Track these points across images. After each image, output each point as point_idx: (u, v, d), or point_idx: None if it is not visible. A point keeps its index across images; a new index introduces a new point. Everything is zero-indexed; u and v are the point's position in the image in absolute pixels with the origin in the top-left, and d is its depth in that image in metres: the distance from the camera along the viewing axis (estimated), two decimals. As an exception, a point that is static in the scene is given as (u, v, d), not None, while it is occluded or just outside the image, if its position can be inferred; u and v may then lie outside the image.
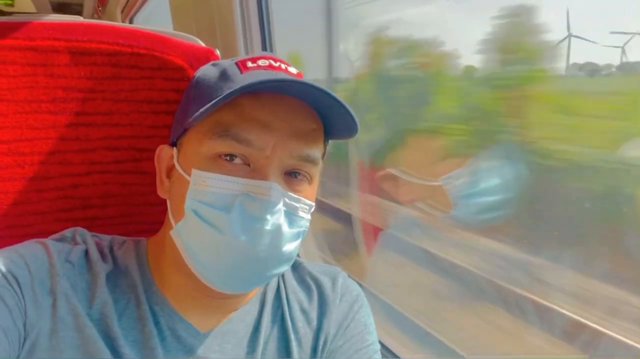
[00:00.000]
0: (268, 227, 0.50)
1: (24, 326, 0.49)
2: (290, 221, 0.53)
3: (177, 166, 0.56)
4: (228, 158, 0.52)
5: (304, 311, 0.63)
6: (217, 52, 0.75)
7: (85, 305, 0.53)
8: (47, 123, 0.67)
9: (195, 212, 0.51)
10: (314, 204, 0.57)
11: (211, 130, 0.52)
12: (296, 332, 0.61)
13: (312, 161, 0.54)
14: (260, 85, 0.50)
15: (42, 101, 0.66)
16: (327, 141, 0.60)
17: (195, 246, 0.53)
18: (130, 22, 3.09)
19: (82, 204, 0.71)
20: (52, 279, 0.52)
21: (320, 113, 0.56)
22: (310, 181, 0.56)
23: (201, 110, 0.50)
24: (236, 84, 0.53)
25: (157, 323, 0.55)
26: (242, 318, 0.61)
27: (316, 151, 0.55)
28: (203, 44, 0.76)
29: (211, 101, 0.50)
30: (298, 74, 0.57)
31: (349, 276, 0.69)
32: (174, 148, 0.58)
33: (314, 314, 0.63)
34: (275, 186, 0.51)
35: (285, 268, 0.56)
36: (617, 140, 1.02)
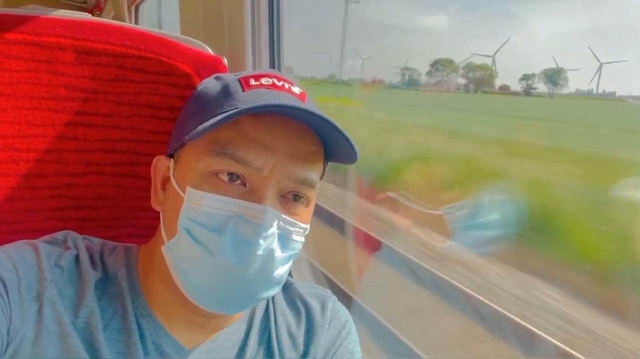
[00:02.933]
0: (260, 251, 0.49)
1: (8, 331, 0.48)
2: (283, 244, 0.52)
3: (172, 181, 0.55)
4: (224, 177, 0.51)
5: (291, 335, 0.63)
6: (225, 61, 0.75)
7: (71, 313, 0.52)
8: (47, 121, 0.65)
9: (188, 231, 0.51)
10: (308, 226, 0.56)
11: (209, 147, 0.51)
12: (282, 356, 0.61)
13: (309, 184, 0.53)
14: (261, 109, 0.50)
15: (43, 98, 0.65)
16: (327, 163, 0.60)
17: (186, 265, 0.52)
18: (136, 10, 3.06)
19: (75, 204, 0.69)
20: (40, 285, 0.51)
21: (321, 135, 0.55)
22: (306, 203, 0.55)
23: (199, 128, 0.50)
24: (237, 102, 0.52)
25: (142, 336, 0.54)
26: (228, 337, 0.60)
27: (314, 174, 0.54)
28: (211, 52, 0.75)
29: (210, 118, 0.50)
30: (301, 94, 0.56)
31: (338, 301, 0.68)
32: (171, 160, 0.57)
33: (301, 339, 0.63)
34: (270, 209, 0.50)
35: (276, 291, 0.56)
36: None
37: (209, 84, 0.59)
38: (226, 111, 0.51)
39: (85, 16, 0.69)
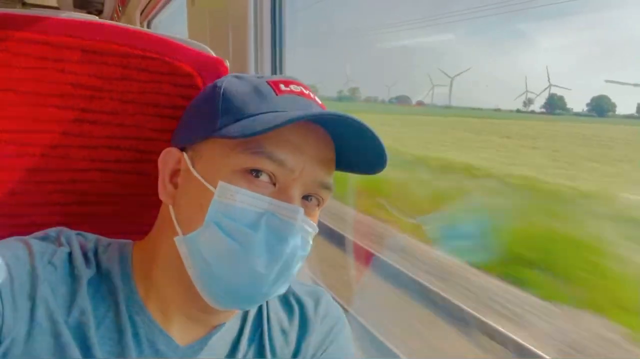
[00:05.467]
0: (289, 250, 0.51)
1: (0, 330, 0.47)
2: (302, 244, 0.54)
3: (194, 173, 0.55)
4: (258, 175, 0.52)
5: (283, 332, 0.63)
6: (227, 63, 0.77)
7: (64, 311, 0.51)
8: (52, 117, 0.67)
9: (218, 225, 0.51)
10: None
11: (242, 144, 0.52)
12: (274, 353, 0.61)
13: (328, 188, 0.56)
14: (316, 117, 0.52)
15: (49, 95, 0.67)
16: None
17: (210, 258, 0.52)
18: (148, 24, 3.13)
19: (78, 199, 0.71)
20: (33, 283, 0.50)
21: (340, 144, 0.57)
22: (320, 205, 0.58)
23: (253, 128, 0.50)
24: (275, 105, 0.54)
25: (135, 334, 0.54)
26: (222, 335, 0.60)
27: (331, 179, 0.57)
28: (213, 54, 0.77)
29: (247, 117, 0.52)
30: (322, 105, 0.60)
31: (333, 298, 0.69)
32: (184, 153, 0.58)
33: (293, 336, 0.63)
34: (302, 210, 0.52)
35: (284, 289, 0.57)
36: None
37: (234, 84, 0.58)
38: (264, 112, 0.53)
39: (93, 18, 0.72)
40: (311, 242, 0.57)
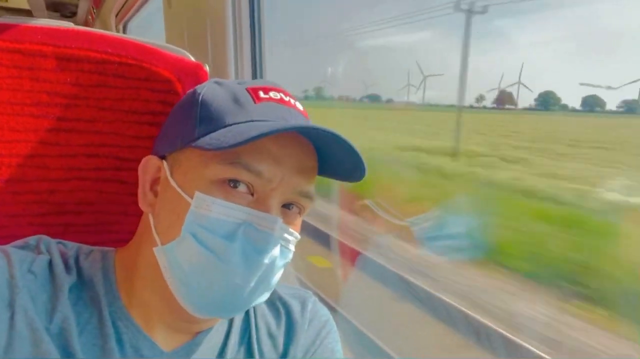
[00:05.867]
0: (267, 260, 0.51)
1: None
2: (282, 253, 0.54)
3: (172, 183, 0.54)
4: (233, 184, 0.52)
5: (271, 336, 0.63)
6: (207, 67, 0.76)
7: (44, 319, 0.51)
8: (29, 126, 0.66)
9: (194, 236, 0.50)
10: (299, 236, 0.58)
11: (220, 155, 0.51)
12: (262, 356, 0.61)
13: (309, 197, 0.56)
14: (289, 130, 0.51)
15: (25, 104, 0.65)
16: None
17: (187, 269, 0.51)
18: (124, 27, 3.08)
19: (57, 209, 0.70)
20: (12, 291, 0.49)
21: (322, 152, 0.57)
22: (301, 214, 0.57)
23: (228, 141, 0.49)
24: (251, 114, 0.54)
25: (119, 340, 0.54)
26: (208, 339, 0.60)
27: (312, 187, 0.56)
28: (193, 58, 0.76)
29: (223, 127, 0.52)
30: (304, 111, 0.59)
31: (319, 301, 0.69)
32: (163, 161, 0.57)
33: (281, 339, 0.63)
34: (279, 220, 0.51)
35: (266, 298, 0.57)
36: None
37: (214, 91, 0.58)
38: (240, 122, 0.53)
39: (67, 24, 0.71)
40: (293, 249, 0.57)
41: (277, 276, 0.55)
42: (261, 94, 0.56)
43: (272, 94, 0.57)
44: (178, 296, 0.53)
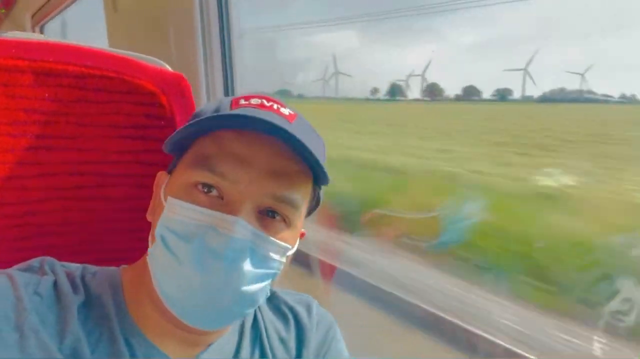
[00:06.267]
0: (226, 263, 0.49)
1: None
2: (256, 260, 0.51)
3: (160, 192, 0.56)
4: (204, 189, 0.52)
5: (282, 341, 0.64)
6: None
7: (56, 340, 0.49)
8: (5, 146, 0.62)
9: (162, 239, 0.51)
10: (291, 247, 0.56)
11: (193, 160, 0.53)
12: None
13: (289, 203, 0.53)
14: (226, 119, 0.52)
15: (1, 123, 0.62)
16: (319, 187, 0.60)
17: (159, 274, 0.52)
18: (41, 30, 2.88)
19: (39, 231, 0.66)
20: (19, 314, 0.48)
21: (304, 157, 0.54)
22: (288, 223, 0.54)
23: (172, 135, 0.53)
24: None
25: (133, 356, 0.53)
26: (220, 349, 0.60)
27: (295, 194, 0.53)
28: (170, 69, 0.75)
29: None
30: (290, 115, 0.56)
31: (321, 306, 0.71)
32: (168, 175, 0.58)
33: (292, 344, 0.64)
34: (241, 221, 0.49)
35: (248, 310, 0.56)
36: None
37: (207, 104, 0.60)
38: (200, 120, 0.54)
39: (39, 37, 0.67)
40: (279, 258, 0.54)
41: (256, 285, 0.52)
42: (241, 101, 0.56)
43: (252, 100, 0.56)
44: (163, 301, 0.52)
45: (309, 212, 0.61)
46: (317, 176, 0.57)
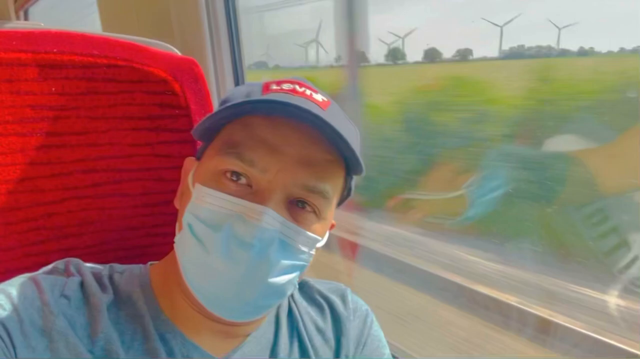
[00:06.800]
0: (253, 253, 0.47)
1: None
2: (284, 251, 0.50)
3: (188, 179, 0.54)
4: (233, 177, 0.50)
5: (319, 330, 0.62)
6: (175, 50, 0.70)
7: (86, 342, 0.48)
8: (15, 147, 0.58)
9: (190, 227, 0.50)
10: (321, 239, 0.54)
11: (222, 147, 0.51)
12: (316, 352, 0.60)
13: (319, 193, 0.50)
14: (257, 104, 0.49)
15: (7, 122, 0.57)
16: (351, 177, 0.57)
17: (186, 262, 0.51)
18: (25, 14, 2.78)
19: (56, 234, 0.63)
20: (46, 319, 0.47)
21: (336, 145, 0.51)
22: (318, 214, 0.52)
23: (201, 121, 0.51)
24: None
25: (170, 353, 0.52)
26: (257, 341, 0.58)
27: (327, 184, 0.51)
28: (179, 53, 0.70)
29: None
30: (323, 102, 0.52)
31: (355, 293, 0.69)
32: (197, 162, 0.56)
33: (330, 334, 0.63)
34: (269, 211, 0.47)
35: (276, 301, 0.54)
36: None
37: (236, 89, 0.57)
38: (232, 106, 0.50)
39: (38, 26, 0.62)
40: (308, 251, 0.52)
41: (284, 276, 0.50)
42: (273, 86, 0.53)
43: (284, 86, 0.53)
44: (190, 289, 0.51)
45: (340, 203, 0.58)
46: (350, 166, 0.54)
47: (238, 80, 0.91)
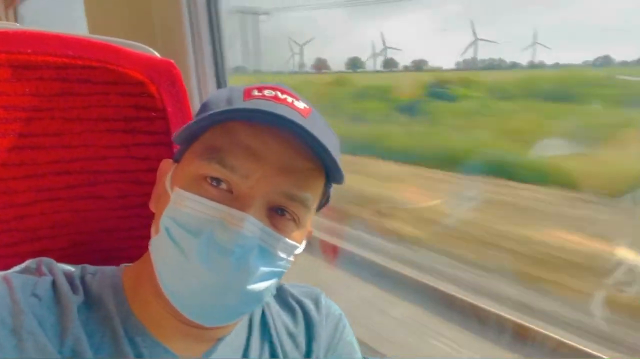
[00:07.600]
0: (233, 259, 0.47)
1: None
2: (264, 258, 0.50)
3: (166, 181, 0.53)
4: (214, 182, 0.49)
5: (291, 335, 0.62)
6: (155, 53, 0.70)
7: (56, 342, 0.48)
8: None
9: (167, 231, 0.50)
10: (299, 246, 0.54)
11: (203, 152, 0.51)
12: (286, 356, 0.60)
13: (300, 201, 0.51)
14: (240, 113, 0.49)
15: None
16: (330, 185, 0.57)
17: (162, 266, 0.50)
18: (15, 11, 2.76)
19: (29, 236, 0.62)
20: (15, 318, 0.46)
21: (317, 153, 0.51)
22: (297, 222, 0.52)
23: (182, 127, 0.51)
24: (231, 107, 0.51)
25: (139, 355, 0.51)
26: (229, 344, 0.58)
27: (307, 192, 0.51)
28: (159, 55, 0.70)
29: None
30: (305, 110, 0.53)
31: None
32: (175, 164, 0.55)
33: (301, 338, 0.63)
34: (250, 218, 0.48)
35: (253, 307, 0.54)
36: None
37: (218, 93, 0.57)
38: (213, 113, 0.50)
39: (13, 26, 0.62)
40: (287, 257, 0.53)
41: (262, 283, 0.51)
42: (254, 92, 0.53)
43: (266, 92, 0.53)
44: (165, 293, 0.50)
45: (317, 209, 0.58)
46: (330, 174, 0.54)
47: (220, 83, 0.91)
